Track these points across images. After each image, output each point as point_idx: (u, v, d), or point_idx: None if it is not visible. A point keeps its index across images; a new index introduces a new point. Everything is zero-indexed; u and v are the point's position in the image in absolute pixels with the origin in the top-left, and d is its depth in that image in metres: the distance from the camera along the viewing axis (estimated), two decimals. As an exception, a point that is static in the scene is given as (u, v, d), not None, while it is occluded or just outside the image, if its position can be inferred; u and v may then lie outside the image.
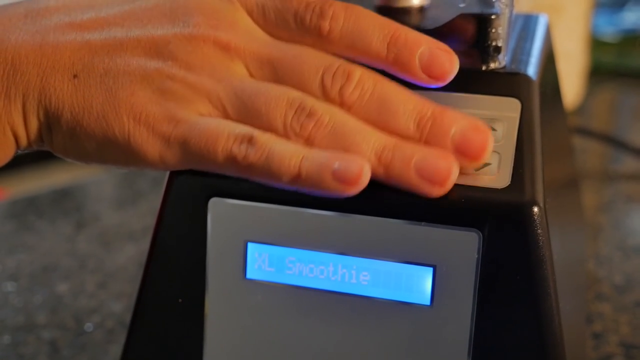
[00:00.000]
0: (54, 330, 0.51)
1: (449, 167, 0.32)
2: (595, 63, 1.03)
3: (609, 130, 0.92)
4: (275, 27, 0.36)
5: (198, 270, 0.36)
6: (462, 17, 0.36)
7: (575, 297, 0.42)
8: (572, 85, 0.90)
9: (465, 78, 0.36)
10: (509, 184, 0.33)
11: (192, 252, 0.36)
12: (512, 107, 0.35)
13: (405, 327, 0.34)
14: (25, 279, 0.58)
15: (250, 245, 0.36)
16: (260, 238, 0.35)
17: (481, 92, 0.36)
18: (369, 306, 0.35)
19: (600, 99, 1.01)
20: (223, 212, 0.36)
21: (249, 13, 0.36)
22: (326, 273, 0.35)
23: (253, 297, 0.36)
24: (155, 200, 0.70)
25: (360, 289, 0.35)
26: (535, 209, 0.32)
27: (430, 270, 0.34)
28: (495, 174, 0.34)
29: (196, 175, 0.36)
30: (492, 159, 0.34)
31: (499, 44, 0.36)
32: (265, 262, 0.36)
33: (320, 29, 0.35)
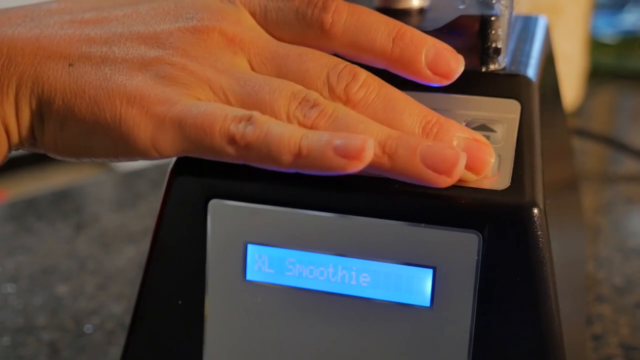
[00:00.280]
0: (53, 332, 0.51)
1: (456, 156, 0.32)
2: (594, 64, 1.03)
3: (609, 131, 0.92)
4: (277, 27, 0.36)
5: (198, 271, 0.36)
6: (462, 19, 0.36)
7: (575, 298, 0.42)
8: (571, 86, 0.90)
9: (465, 79, 0.36)
10: (509, 186, 0.33)
11: (191, 254, 0.36)
12: (511, 108, 0.35)
13: (405, 328, 0.34)
14: (24, 281, 0.58)
15: (250, 247, 0.36)
16: (260, 240, 0.35)
17: (481, 93, 0.36)
18: (368, 308, 0.35)
19: (599, 100, 1.01)
20: (223, 214, 0.36)
21: (251, 14, 0.36)
22: (326, 274, 0.35)
23: (253, 298, 0.36)
24: (155, 202, 0.70)
25: (360, 290, 0.35)
26: (535, 210, 0.32)
27: (430, 272, 0.34)
28: (495, 176, 0.34)
29: (196, 176, 0.36)
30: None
31: (499, 46, 0.36)
32: (265, 264, 0.36)
33: (322, 22, 0.35)
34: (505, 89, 0.36)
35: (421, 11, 0.39)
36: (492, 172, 0.34)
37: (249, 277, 0.36)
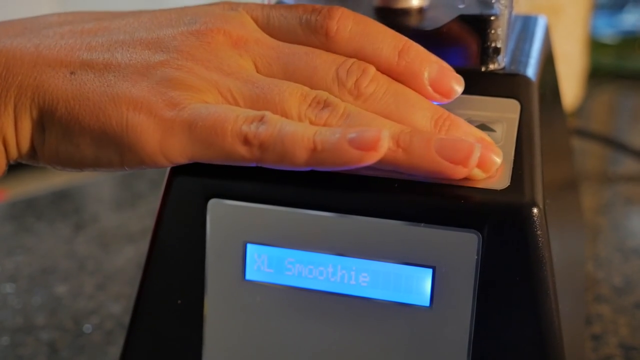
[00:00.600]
0: (52, 332, 0.51)
1: (471, 147, 0.32)
2: (594, 65, 1.03)
3: (608, 131, 0.92)
4: (280, 34, 0.36)
5: (197, 271, 0.36)
6: (462, 18, 0.36)
7: (575, 298, 0.42)
8: (571, 87, 0.90)
9: (464, 79, 0.36)
10: (509, 185, 0.33)
11: (191, 254, 0.36)
12: (511, 108, 0.35)
13: (404, 328, 0.34)
14: (24, 281, 0.58)
15: (250, 247, 0.36)
16: (260, 239, 0.35)
17: (481, 93, 0.36)
18: (368, 307, 0.35)
19: (599, 100, 1.01)
20: (222, 214, 0.36)
21: (254, 21, 0.36)
22: (325, 274, 0.35)
23: (252, 298, 0.36)
24: (154, 202, 0.70)
25: (360, 290, 0.35)
26: (535, 210, 0.32)
27: (429, 272, 0.34)
28: (495, 175, 0.34)
29: (195, 176, 0.36)
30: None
31: (499, 45, 0.36)
32: (265, 264, 0.36)
33: (327, 29, 0.34)
34: (505, 88, 0.36)
35: (420, 11, 0.39)
36: (492, 173, 0.34)
37: (248, 276, 0.36)
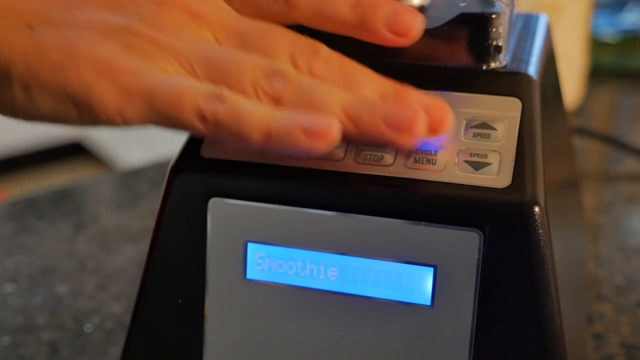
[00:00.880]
0: (53, 332, 0.51)
1: (415, 114, 0.33)
2: (595, 64, 1.03)
3: (609, 130, 0.92)
4: (241, 2, 0.37)
5: (198, 270, 0.36)
6: (463, 17, 0.36)
7: (576, 297, 0.42)
8: (572, 85, 0.90)
9: (465, 77, 0.36)
10: (510, 184, 0.33)
11: (192, 253, 0.36)
12: (512, 106, 0.35)
13: (405, 327, 0.34)
14: (24, 280, 0.58)
15: (250, 246, 0.36)
16: (261, 238, 0.35)
17: (482, 91, 0.36)
18: (369, 306, 0.35)
19: (600, 99, 1.01)
20: (223, 213, 0.36)
21: None
22: (326, 273, 0.35)
23: (253, 297, 0.36)
24: (155, 201, 0.70)
25: (361, 289, 0.35)
26: (536, 208, 0.32)
27: (430, 271, 0.34)
28: (496, 174, 0.33)
29: (196, 175, 0.36)
30: (492, 158, 0.34)
31: (500, 43, 0.36)
32: (266, 263, 0.35)
33: None
34: (506, 86, 0.36)
35: (422, 9, 0.39)
36: (493, 172, 0.34)
37: (249, 275, 0.36)
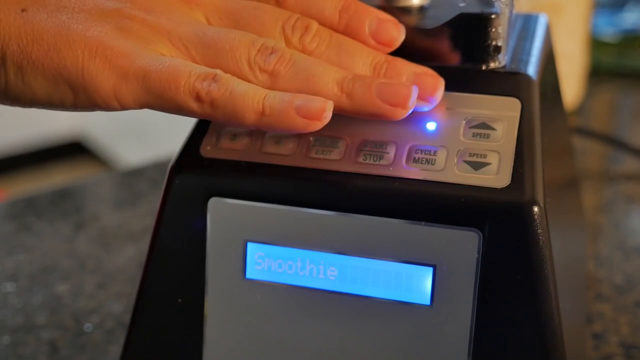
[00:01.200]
0: (53, 331, 0.51)
1: (408, 89, 0.34)
2: (595, 63, 1.03)
3: (609, 130, 0.92)
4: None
5: (198, 270, 0.36)
6: (462, 17, 0.36)
7: (575, 297, 0.42)
8: (571, 85, 0.90)
9: (465, 77, 0.36)
10: (509, 184, 0.33)
11: (191, 252, 0.36)
12: (512, 106, 0.35)
13: (405, 327, 0.34)
14: (24, 280, 0.58)
15: (250, 245, 0.36)
16: (260, 238, 0.35)
17: (481, 91, 0.36)
18: (368, 306, 0.35)
19: (600, 99, 1.01)
20: (223, 212, 0.36)
21: None
22: (326, 273, 0.35)
23: (253, 297, 0.36)
24: (155, 201, 0.70)
25: (360, 288, 0.35)
26: (536, 208, 0.32)
27: (430, 270, 0.34)
28: (495, 174, 0.33)
29: (196, 174, 0.36)
30: (492, 158, 0.34)
31: (499, 44, 0.36)
32: (265, 262, 0.36)
33: None
34: (506, 86, 0.36)
35: (421, 9, 0.39)
36: (492, 171, 0.34)
37: (248, 275, 0.36)
